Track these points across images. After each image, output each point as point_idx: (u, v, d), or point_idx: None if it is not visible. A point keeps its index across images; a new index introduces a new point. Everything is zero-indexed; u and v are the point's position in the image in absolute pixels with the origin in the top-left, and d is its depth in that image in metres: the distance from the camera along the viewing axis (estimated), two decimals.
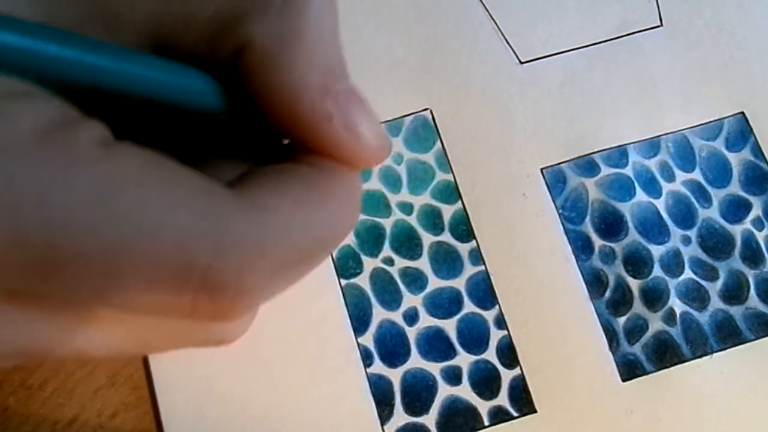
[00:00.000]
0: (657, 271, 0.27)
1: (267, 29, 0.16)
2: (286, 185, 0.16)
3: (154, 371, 0.25)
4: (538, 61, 0.30)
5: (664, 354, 0.26)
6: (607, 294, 0.27)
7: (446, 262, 0.27)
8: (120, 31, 0.15)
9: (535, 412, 0.26)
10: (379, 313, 0.27)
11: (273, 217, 0.15)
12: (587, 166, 0.28)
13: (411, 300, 0.27)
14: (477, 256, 0.27)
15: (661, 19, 0.31)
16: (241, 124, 0.18)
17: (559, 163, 0.28)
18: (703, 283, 0.27)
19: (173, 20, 0.16)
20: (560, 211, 0.28)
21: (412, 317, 0.27)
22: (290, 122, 0.16)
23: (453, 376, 0.26)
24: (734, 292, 0.27)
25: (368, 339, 0.26)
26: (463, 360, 0.26)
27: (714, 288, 0.27)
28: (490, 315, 0.27)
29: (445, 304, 0.27)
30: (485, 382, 0.26)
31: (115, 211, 0.13)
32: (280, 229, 0.15)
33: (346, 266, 0.27)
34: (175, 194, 0.14)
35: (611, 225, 0.28)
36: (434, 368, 0.26)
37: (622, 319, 0.27)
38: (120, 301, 0.14)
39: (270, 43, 0.16)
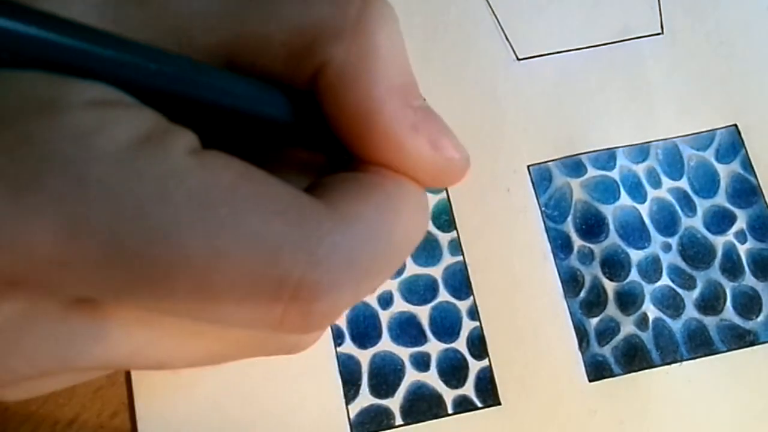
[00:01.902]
0: (634, 275, 0.27)
1: (343, 49, 0.16)
2: (365, 193, 0.16)
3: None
4: (536, 59, 0.30)
5: (633, 358, 0.26)
6: (582, 294, 0.27)
7: (425, 249, 0.28)
8: (193, 50, 0.15)
9: (500, 404, 0.26)
10: None
11: (360, 227, 0.15)
12: (574, 166, 0.28)
13: (387, 284, 0.27)
14: (456, 247, 0.28)
15: (662, 27, 0.30)
16: (305, 139, 0.18)
17: (546, 162, 0.29)
18: (680, 291, 0.27)
19: (247, 45, 0.16)
20: (543, 208, 0.28)
21: (386, 301, 0.27)
22: (371, 139, 0.16)
23: (421, 362, 0.26)
24: (710, 303, 0.27)
25: (341, 318, 0.27)
26: (433, 347, 0.27)
27: (690, 297, 0.27)
28: (463, 305, 0.27)
29: (420, 290, 0.27)
30: (453, 370, 0.26)
31: (212, 223, 0.13)
32: (366, 239, 0.15)
33: None
34: (269, 205, 0.14)
35: (592, 226, 0.28)
36: (403, 353, 0.26)
37: (594, 320, 0.27)
38: (211, 314, 0.14)
39: (348, 62, 0.16)
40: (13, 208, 0.12)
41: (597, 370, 0.26)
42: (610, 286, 0.27)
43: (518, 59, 0.30)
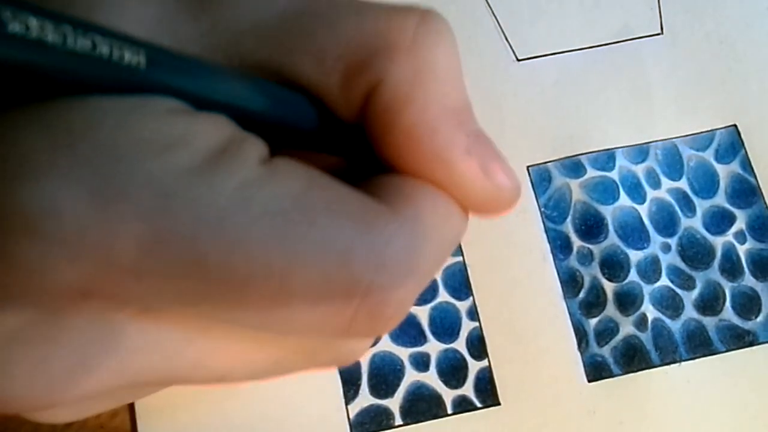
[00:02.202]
0: (633, 276, 0.27)
1: (399, 67, 0.15)
2: (418, 195, 0.16)
3: None
4: (535, 59, 0.30)
5: (632, 358, 0.26)
6: (581, 294, 0.27)
7: None
8: (244, 63, 0.15)
9: (499, 404, 0.26)
10: None
11: (420, 228, 0.15)
12: (573, 166, 0.29)
13: None
14: (456, 247, 0.28)
15: (662, 27, 0.31)
16: (327, 144, 0.18)
17: (545, 162, 0.29)
18: (679, 291, 0.27)
19: (302, 59, 0.16)
20: (542, 209, 0.28)
21: None
22: (423, 159, 0.16)
23: (421, 363, 0.26)
24: (709, 303, 0.27)
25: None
26: (433, 347, 0.27)
27: (689, 297, 0.27)
28: (463, 306, 0.27)
29: None
30: (452, 371, 0.26)
31: (288, 231, 0.13)
32: (426, 240, 0.15)
33: None
34: (338, 209, 0.14)
35: (592, 227, 0.28)
36: (403, 353, 0.27)
37: (593, 321, 0.27)
38: (281, 321, 0.14)
39: (404, 81, 0.15)
40: (97, 217, 0.12)
41: (596, 371, 0.26)
42: (609, 287, 0.27)
43: (518, 59, 0.30)
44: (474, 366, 0.26)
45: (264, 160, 0.14)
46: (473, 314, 0.27)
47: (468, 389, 0.26)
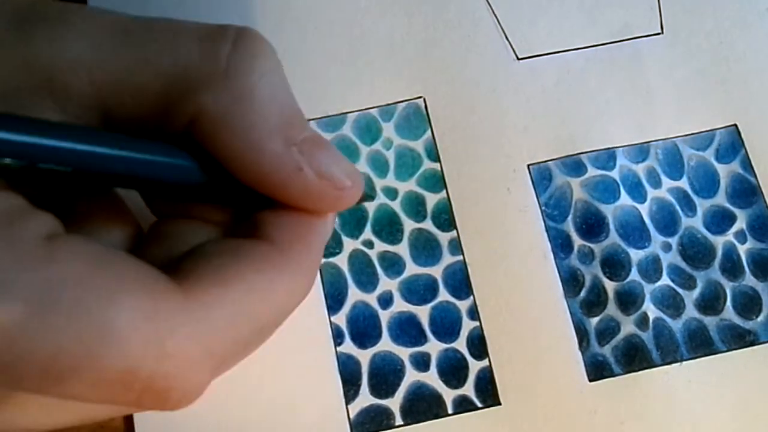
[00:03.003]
0: (634, 275, 0.27)
1: (217, 96, 0.16)
2: (235, 272, 0.16)
3: None
4: (536, 58, 0.30)
5: (634, 358, 0.26)
6: (582, 294, 0.27)
7: (425, 249, 0.28)
8: (68, 102, 0.15)
9: (500, 404, 0.26)
10: (355, 294, 0.27)
11: (220, 313, 0.15)
12: (574, 165, 0.28)
13: (387, 284, 0.27)
14: (456, 246, 0.27)
15: (662, 27, 0.30)
16: (210, 195, 0.18)
17: (546, 161, 0.29)
18: (680, 290, 0.27)
19: (121, 94, 0.16)
20: (543, 208, 0.28)
21: (386, 300, 0.27)
22: (259, 179, 0.16)
23: (421, 362, 0.26)
24: (710, 303, 0.27)
25: (341, 318, 0.27)
26: (433, 347, 0.26)
27: (690, 297, 0.27)
28: (463, 305, 0.27)
29: (420, 290, 0.27)
30: (453, 370, 0.26)
31: (55, 318, 0.13)
32: (226, 325, 0.15)
33: (327, 245, 0.27)
34: (119, 296, 0.14)
35: (592, 226, 0.28)
36: (403, 353, 0.26)
37: (594, 320, 0.27)
38: (65, 396, 0.14)
39: (222, 109, 0.16)
40: None
41: (597, 370, 0.26)
42: (610, 286, 0.27)
43: (518, 59, 0.30)
44: (474, 366, 0.26)
45: (47, 238, 0.13)
46: (473, 314, 0.27)
47: (468, 389, 0.26)
